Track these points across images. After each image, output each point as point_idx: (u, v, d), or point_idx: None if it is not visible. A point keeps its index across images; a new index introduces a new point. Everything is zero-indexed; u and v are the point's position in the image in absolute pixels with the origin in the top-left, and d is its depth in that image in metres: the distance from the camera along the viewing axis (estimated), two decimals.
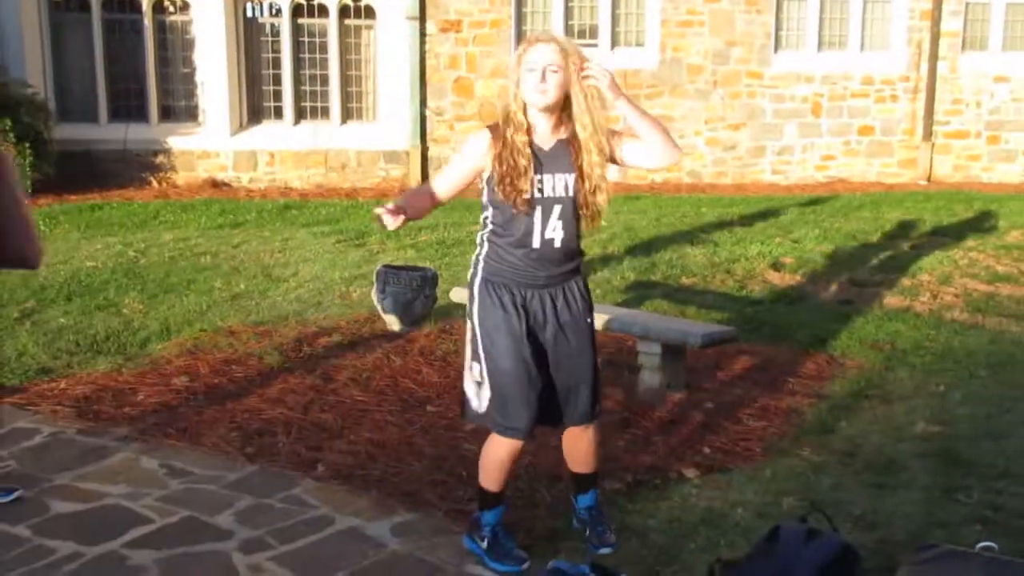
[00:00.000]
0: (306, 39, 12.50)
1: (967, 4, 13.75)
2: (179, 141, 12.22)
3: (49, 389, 4.96)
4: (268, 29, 12.40)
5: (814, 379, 5.02)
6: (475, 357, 3.23)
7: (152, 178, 12.17)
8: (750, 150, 13.55)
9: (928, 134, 13.91)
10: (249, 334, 5.77)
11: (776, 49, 13.38)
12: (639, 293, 6.80)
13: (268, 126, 12.55)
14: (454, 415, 4.55)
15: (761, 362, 5.33)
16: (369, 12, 12.54)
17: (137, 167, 12.11)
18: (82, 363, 5.43)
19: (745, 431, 4.24)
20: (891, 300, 6.70)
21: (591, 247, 8.40)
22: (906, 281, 7.27)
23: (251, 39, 12.40)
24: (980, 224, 10.01)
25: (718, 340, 4.56)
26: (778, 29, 13.36)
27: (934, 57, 13.67)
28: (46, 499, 3.68)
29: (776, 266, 7.70)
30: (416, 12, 12.15)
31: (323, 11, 12.43)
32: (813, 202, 11.58)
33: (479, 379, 3.21)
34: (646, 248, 8.38)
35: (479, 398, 3.22)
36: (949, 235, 9.30)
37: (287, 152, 12.44)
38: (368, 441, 4.15)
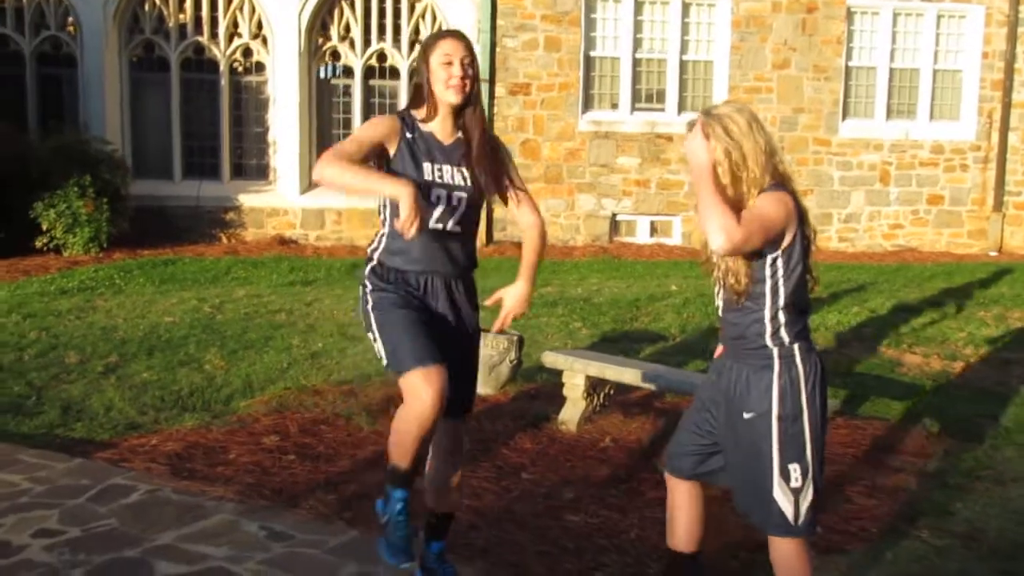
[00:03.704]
0: (376, 100, 12.69)
1: None
2: (249, 198, 12.41)
3: (140, 445, 4.95)
4: (340, 90, 12.61)
5: (917, 456, 4.86)
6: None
7: (222, 234, 12.33)
8: (817, 217, 13.42)
9: (999, 204, 13.73)
10: (335, 393, 5.74)
11: (844, 116, 13.34)
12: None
13: None
14: (551, 483, 4.48)
15: (858, 436, 5.18)
16: None
17: (208, 223, 12.29)
18: (169, 419, 5.42)
19: (856, 510, 4.09)
20: (983, 375, 6.52)
21: (664, 315, 8.32)
22: (995, 356, 7.08)
23: (323, 99, 12.61)
24: None
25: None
26: (846, 96, 13.33)
27: (1005, 127, 13.55)
28: (151, 559, 3.64)
29: (859, 336, 7.56)
30: (486, 75, 12.28)
31: (394, 73, 12.62)
32: (884, 272, 11.42)
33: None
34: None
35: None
36: None
37: (354, 210, 12.56)
38: (468, 509, 4.07)
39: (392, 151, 3.23)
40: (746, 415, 2.90)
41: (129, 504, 4.17)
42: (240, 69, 12.52)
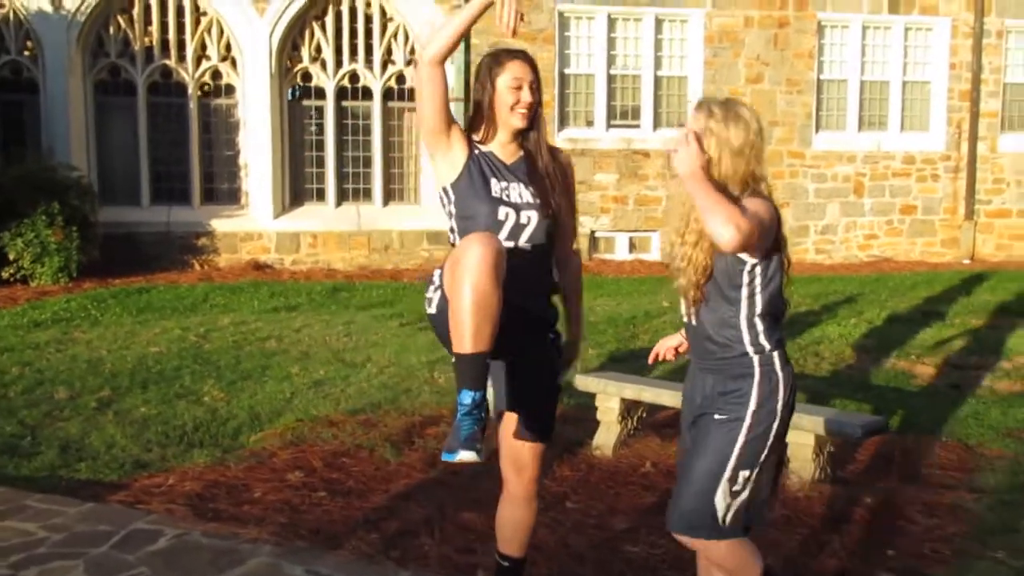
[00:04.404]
0: (349, 121, 12.47)
1: (1004, 85, 13.82)
2: (222, 223, 12.09)
3: (154, 485, 4.68)
4: (312, 112, 12.36)
5: (960, 471, 4.76)
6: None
7: (194, 260, 12.00)
8: (794, 229, 13.45)
9: (970, 213, 13.87)
10: (351, 424, 5.51)
11: (817, 129, 13.40)
12: None
13: (310, 208, 12.44)
14: (599, 513, 4.30)
15: (892, 451, 5.07)
16: (413, 95, 12.51)
17: (179, 249, 11.95)
18: (177, 456, 5.15)
19: (923, 531, 3.96)
20: (1000, 383, 6.48)
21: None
22: (1004, 363, 7.05)
23: (294, 122, 12.36)
24: None
25: (875, 430, 4.33)
26: (819, 109, 13.39)
27: (974, 137, 13.70)
28: None
29: (864, 348, 7.49)
30: (461, 94, 12.12)
31: (367, 94, 12.41)
32: (866, 282, 11.43)
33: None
34: None
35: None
36: (1015, 313, 9.12)
37: (329, 233, 12.31)
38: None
39: (461, 165, 3.06)
40: (717, 416, 2.83)
41: (158, 551, 3.90)
42: (209, 92, 12.22)
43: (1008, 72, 13.77)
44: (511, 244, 3.03)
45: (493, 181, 3.06)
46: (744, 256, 2.78)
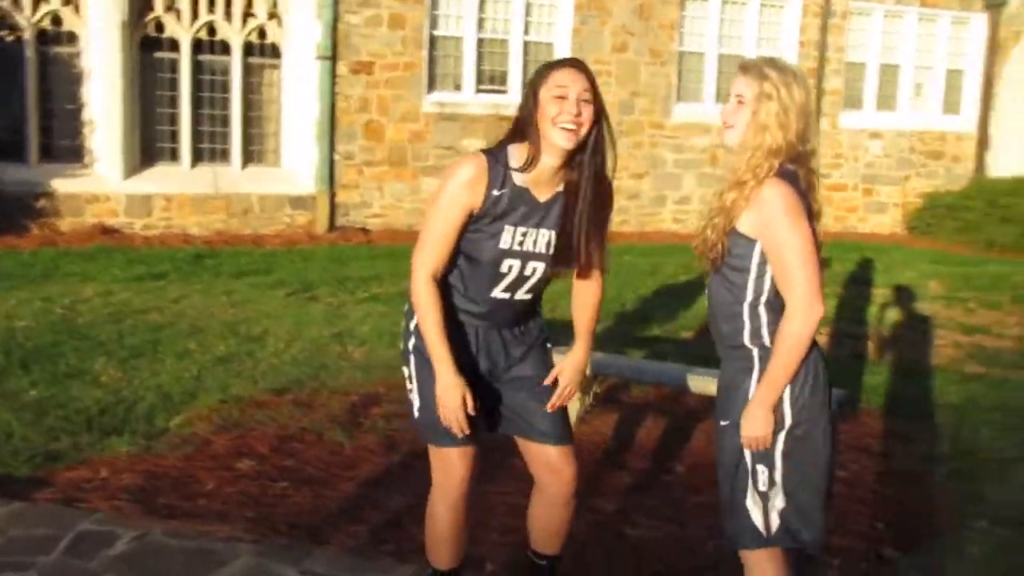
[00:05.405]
0: (207, 77, 11.70)
1: (846, 64, 14.49)
2: (64, 183, 11.11)
3: (83, 479, 4.21)
4: (166, 65, 11.51)
5: (904, 440, 4.92)
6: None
7: (33, 224, 10.98)
8: (652, 199, 13.72)
9: None
10: (285, 405, 5.15)
11: (677, 100, 13.65)
12: (655, 350, 6.60)
13: (163, 168, 11.62)
14: (581, 494, 4.17)
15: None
16: (275, 51, 11.90)
17: (16, 211, 10.89)
18: (92, 444, 4.67)
19: (899, 503, 4.07)
20: (896, 351, 6.80)
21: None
22: (885, 332, 7.42)
23: (146, 75, 11.47)
24: (899, 274, 10.44)
25: (844, 403, 4.40)
26: (679, 81, 13.63)
27: (817, 113, 14.29)
28: None
29: None
30: (328, 52, 11.62)
31: (225, 48, 11.68)
32: None
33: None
34: (616, 299, 8.20)
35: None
36: (870, 284, 9.63)
37: (184, 196, 11.55)
38: (516, 529, 3.70)
39: (476, 211, 2.76)
40: (722, 423, 2.70)
41: (120, 555, 3.51)
42: (49, 39, 11.14)
43: (850, 51, 14.44)
44: (506, 296, 2.86)
45: (508, 228, 2.77)
46: (751, 235, 2.62)
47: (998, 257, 11.87)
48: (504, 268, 2.80)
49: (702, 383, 4.55)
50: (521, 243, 2.78)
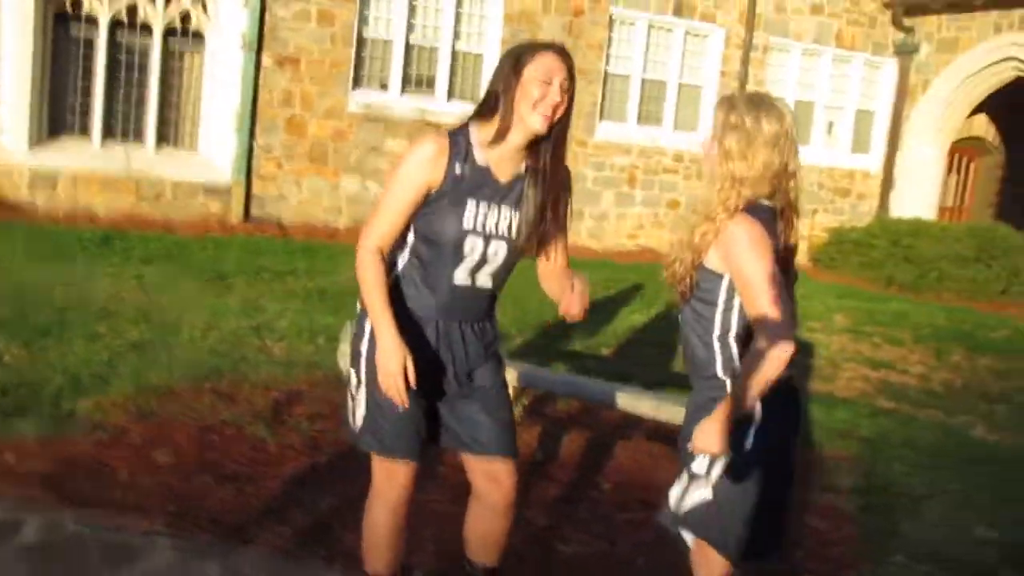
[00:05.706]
0: (123, 57, 11.30)
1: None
2: None
3: None
4: (81, 43, 11.07)
5: (820, 472, 5.01)
6: None
7: None
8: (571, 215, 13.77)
9: None
10: (206, 396, 4.98)
11: (600, 119, 13.79)
12: (575, 365, 6.62)
13: (70, 142, 11.17)
14: None
15: None
16: (198, 37, 11.58)
17: None
18: None
19: (819, 532, 4.14)
20: (807, 383, 6.96)
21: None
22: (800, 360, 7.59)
23: (60, 48, 11.03)
24: (806, 305, 10.72)
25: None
26: (603, 100, 13.77)
27: None
28: None
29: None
30: (254, 42, 11.37)
31: (146, 30, 11.31)
32: (643, 270, 11.94)
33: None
34: (536, 313, 8.21)
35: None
36: None
37: (93, 175, 11.13)
38: (445, 539, 3.64)
39: (435, 190, 2.74)
40: (690, 447, 2.66)
41: (31, 546, 3.33)
42: None
43: (768, 85, 14.81)
44: (467, 283, 2.82)
45: (470, 203, 2.75)
46: (719, 270, 2.65)
47: (898, 295, 12.30)
48: (467, 248, 2.78)
49: (631, 401, 4.57)
50: (483, 223, 2.77)
